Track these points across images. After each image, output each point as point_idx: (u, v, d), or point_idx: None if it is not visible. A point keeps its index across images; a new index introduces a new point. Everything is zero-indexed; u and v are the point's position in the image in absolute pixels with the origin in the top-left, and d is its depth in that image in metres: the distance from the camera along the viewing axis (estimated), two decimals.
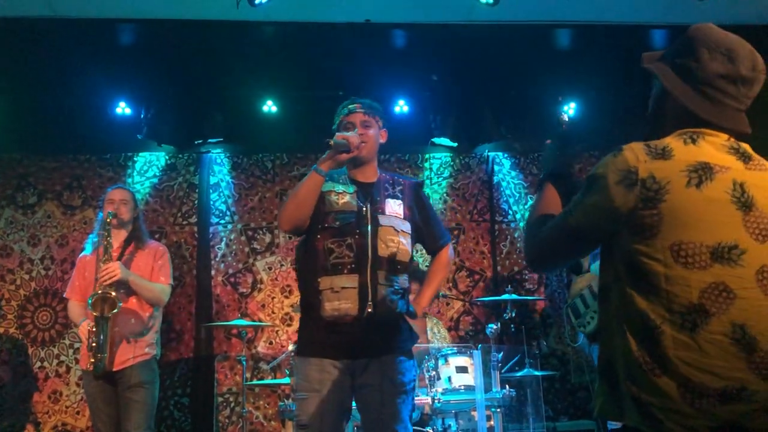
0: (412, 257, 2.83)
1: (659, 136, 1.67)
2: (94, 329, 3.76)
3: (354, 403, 2.73)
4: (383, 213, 2.77)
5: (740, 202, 1.55)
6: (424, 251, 3.09)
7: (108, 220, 3.85)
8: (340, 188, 2.78)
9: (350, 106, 2.86)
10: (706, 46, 1.65)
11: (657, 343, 1.50)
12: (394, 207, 2.82)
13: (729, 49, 1.63)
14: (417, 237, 2.90)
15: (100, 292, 3.73)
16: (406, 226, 2.81)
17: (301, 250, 2.81)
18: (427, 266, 5.53)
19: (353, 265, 2.66)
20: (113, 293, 3.72)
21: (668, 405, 1.48)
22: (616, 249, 1.60)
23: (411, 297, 2.89)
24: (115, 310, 3.73)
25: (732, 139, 1.64)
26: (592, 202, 1.60)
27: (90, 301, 3.72)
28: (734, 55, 1.62)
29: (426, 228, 2.93)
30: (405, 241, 2.77)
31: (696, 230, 1.52)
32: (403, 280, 2.76)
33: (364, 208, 2.75)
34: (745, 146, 1.66)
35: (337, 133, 2.72)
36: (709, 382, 1.46)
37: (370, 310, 2.63)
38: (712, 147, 1.61)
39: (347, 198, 2.76)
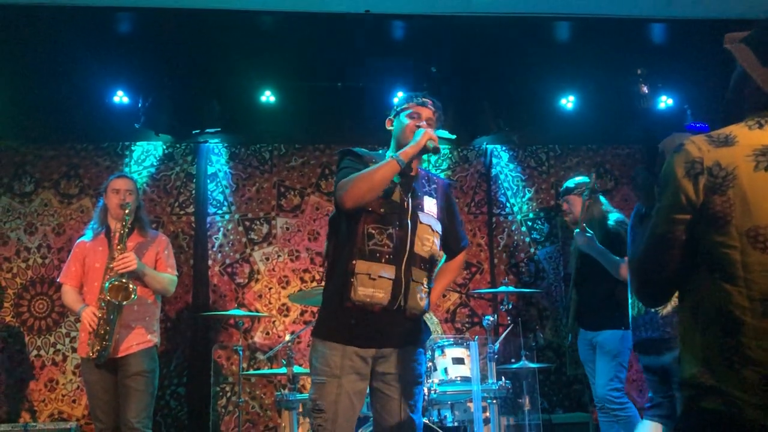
0: (437, 258, 2.85)
1: (736, 119, 1.63)
2: (103, 316, 3.76)
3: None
4: (422, 210, 2.78)
5: None
6: None
7: (125, 211, 3.85)
8: None
9: (423, 99, 2.89)
10: None
11: (737, 334, 1.48)
12: (430, 206, 2.83)
13: None
14: (442, 239, 2.90)
15: (124, 280, 3.73)
16: (439, 227, 2.83)
17: (337, 229, 2.77)
18: None
19: (390, 256, 2.65)
20: (131, 285, 3.73)
21: (750, 399, 1.45)
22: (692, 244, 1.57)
23: None
24: (128, 302, 3.75)
25: None
26: (668, 204, 1.59)
27: (107, 286, 3.72)
28: None
29: (451, 229, 2.94)
30: (437, 242, 2.80)
31: None
32: (430, 278, 2.80)
33: (406, 202, 2.75)
34: None
35: (433, 132, 2.74)
36: None
37: (401, 303, 2.65)
38: None
39: (393, 187, 2.75)
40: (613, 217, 4.36)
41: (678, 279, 1.61)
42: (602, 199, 4.53)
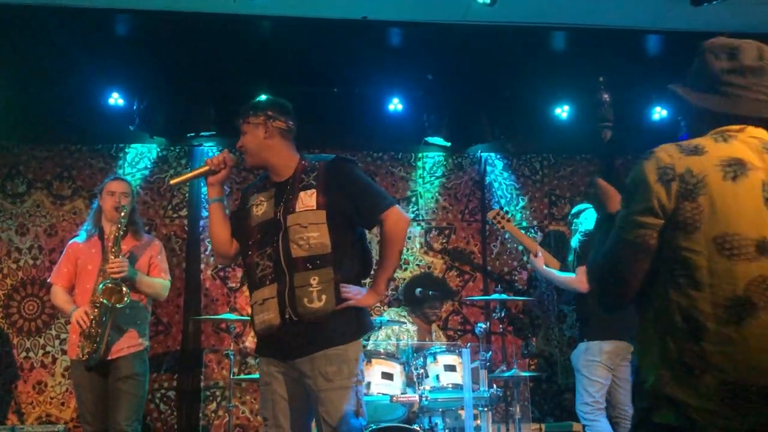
0: (335, 246, 2.64)
1: (699, 136, 1.71)
2: (95, 317, 3.74)
3: None
4: (293, 211, 2.67)
5: None
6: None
7: (122, 214, 3.84)
8: (261, 198, 2.83)
9: (239, 119, 2.99)
10: (711, 51, 1.73)
11: (699, 340, 1.50)
12: (306, 200, 2.68)
13: (732, 47, 1.70)
14: (349, 217, 2.71)
15: (118, 282, 3.72)
16: (319, 216, 2.64)
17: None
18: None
19: (273, 275, 2.67)
20: (125, 288, 3.72)
21: (705, 405, 1.48)
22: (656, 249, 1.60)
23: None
24: (122, 304, 3.73)
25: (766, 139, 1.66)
26: (639, 210, 1.60)
27: (101, 288, 3.70)
28: (737, 51, 1.69)
29: (356, 203, 2.71)
30: (317, 234, 2.62)
31: (738, 223, 1.53)
32: (326, 273, 2.61)
33: (278, 212, 2.73)
34: None
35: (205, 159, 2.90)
36: (753, 379, 1.46)
37: (289, 316, 2.63)
38: (744, 145, 1.63)
39: (265, 206, 2.78)
40: (582, 230, 4.50)
41: (640, 285, 1.63)
42: (580, 218, 4.63)
